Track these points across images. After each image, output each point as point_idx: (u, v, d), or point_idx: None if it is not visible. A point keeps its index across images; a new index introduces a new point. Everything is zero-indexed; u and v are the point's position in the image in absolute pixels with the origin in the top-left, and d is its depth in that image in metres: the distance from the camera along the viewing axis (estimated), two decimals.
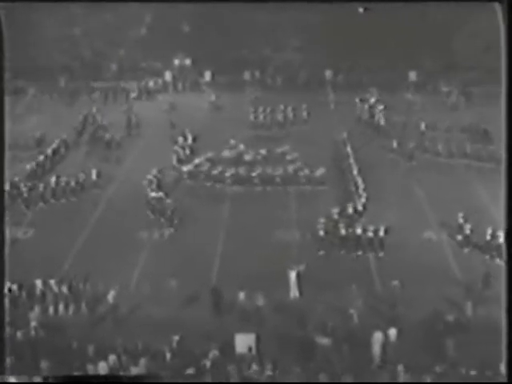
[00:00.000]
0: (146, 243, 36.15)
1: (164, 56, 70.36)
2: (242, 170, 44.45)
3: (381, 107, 57.26)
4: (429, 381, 24.31)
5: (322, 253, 34.47)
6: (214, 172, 44.32)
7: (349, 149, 47.06)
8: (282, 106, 56.96)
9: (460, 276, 32.72)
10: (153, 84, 67.41)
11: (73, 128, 52.53)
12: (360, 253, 34.58)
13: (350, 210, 37.58)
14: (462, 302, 29.91)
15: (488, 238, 34.18)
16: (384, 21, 59.87)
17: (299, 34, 69.15)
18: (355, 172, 42.91)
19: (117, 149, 50.07)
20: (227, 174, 43.80)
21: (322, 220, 35.99)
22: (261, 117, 56.49)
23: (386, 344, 26.73)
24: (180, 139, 50.38)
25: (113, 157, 48.29)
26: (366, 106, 58.11)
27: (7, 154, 24.03)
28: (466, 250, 34.68)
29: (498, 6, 20.94)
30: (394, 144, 48.56)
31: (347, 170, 44.50)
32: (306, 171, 43.93)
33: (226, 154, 47.73)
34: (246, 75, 68.55)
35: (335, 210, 37.25)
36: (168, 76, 69.05)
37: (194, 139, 51.17)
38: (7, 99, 24.34)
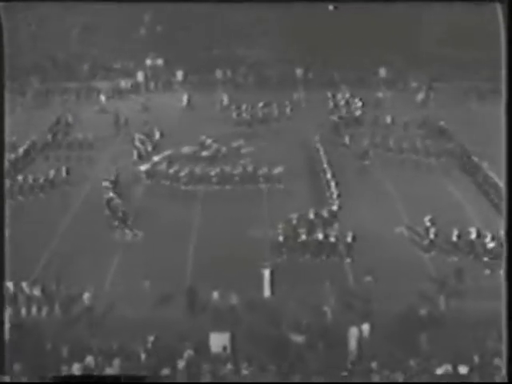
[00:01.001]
0: (119, 244, 36.07)
1: (136, 56, 70.32)
2: (198, 169, 44.45)
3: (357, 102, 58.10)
4: (401, 379, 24.41)
5: (280, 259, 33.90)
6: (171, 171, 44.42)
7: (319, 146, 47.31)
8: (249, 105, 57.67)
9: (433, 271, 33.01)
10: (125, 84, 67.27)
11: (46, 128, 52.34)
12: (324, 258, 34.12)
13: (311, 216, 36.74)
14: (435, 296, 30.09)
15: (455, 238, 34.32)
16: (354, 19, 60.34)
17: (270, 32, 69.47)
18: (328, 174, 42.86)
19: (89, 149, 49.94)
20: (182, 174, 43.84)
21: (280, 225, 35.65)
22: (233, 115, 56.68)
23: (361, 339, 26.82)
24: (137, 136, 50.16)
25: (85, 156, 48.14)
26: (342, 102, 58.76)
27: None
28: (432, 253, 34.58)
29: (498, 6, 21.06)
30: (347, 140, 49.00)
31: (318, 170, 44.73)
32: (265, 169, 44.02)
33: (186, 150, 47.89)
34: (218, 74, 68.68)
35: (294, 215, 36.58)
36: (140, 76, 68.96)
37: (161, 136, 51.26)
38: None
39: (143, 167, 44.98)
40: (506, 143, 20.54)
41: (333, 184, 40.81)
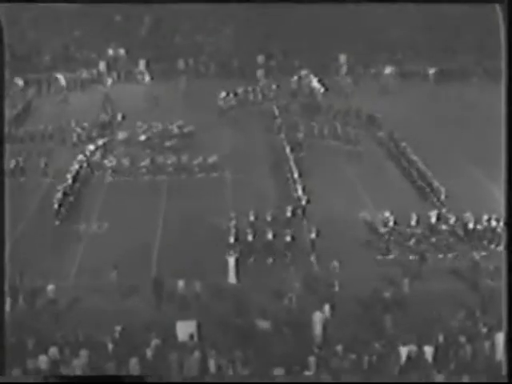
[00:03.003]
0: (82, 236, 36.04)
1: (98, 46, 69.79)
2: (126, 161, 44.59)
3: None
4: (367, 358, 24.70)
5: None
6: (105, 161, 44.88)
7: (283, 136, 47.57)
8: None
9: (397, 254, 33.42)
10: (87, 74, 66.76)
11: (7, 121, 51.78)
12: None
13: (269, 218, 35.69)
14: (399, 279, 30.42)
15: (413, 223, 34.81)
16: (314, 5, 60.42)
17: (231, 20, 69.45)
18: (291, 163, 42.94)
19: (51, 140, 49.59)
20: (109, 165, 44.20)
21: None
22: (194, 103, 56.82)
23: (326, 323, 27.00)
24: (73, 122, 50.51)
25: (46, 148, 47.76)
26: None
27: None
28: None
29: (498, 7, 21.15)
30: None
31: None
32: (200, 159, 44.14)
33: (121, 136, 48.67)
34: (180, 63, 68.47)
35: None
36: (102, 66, 68.48)
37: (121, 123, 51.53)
38: None
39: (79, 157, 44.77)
40: (506, 143, 20.67)
41: (296, 175, 40.93)
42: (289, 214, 35.87)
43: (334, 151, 47.21)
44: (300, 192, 38.04)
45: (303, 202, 36.92)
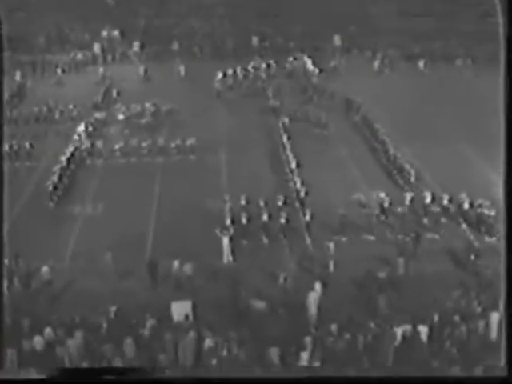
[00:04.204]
0: (77, 217, 35.99)
1: (92, 28, 69.62)
2: (100, 144, 44.64)
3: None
4: (362, 338, 24.77)
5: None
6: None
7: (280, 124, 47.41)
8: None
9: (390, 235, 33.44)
10: (81, 56, 66.57)
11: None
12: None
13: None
14: (394, 259, 30.48)
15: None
16: None
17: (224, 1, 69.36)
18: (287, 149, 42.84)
19: (45, 123, 49.48)
20: (83, 147, 44.04)
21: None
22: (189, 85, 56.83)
23: (320, 304, 27.05)
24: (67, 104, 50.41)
25: (41, 131, 47.66)
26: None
27: None
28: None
29: (498, 5, 21.04)
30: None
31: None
32: (178, 141, 44.14)
33: (98, 115, 48.96)
34: (175, 45, 68.26)
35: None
36: (97, 48, 68.24)
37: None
38: None
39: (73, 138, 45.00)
40: (506, 143, 20.63)
41: (291, 156, 41.03)
42: (282, 198, 35.65)
43: (305, 134, 46.98)
44: (296, 178, 38.13)
45: (298, 186, 36.85)
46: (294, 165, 39.57)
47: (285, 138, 43.83)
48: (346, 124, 49.09)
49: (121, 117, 49.28)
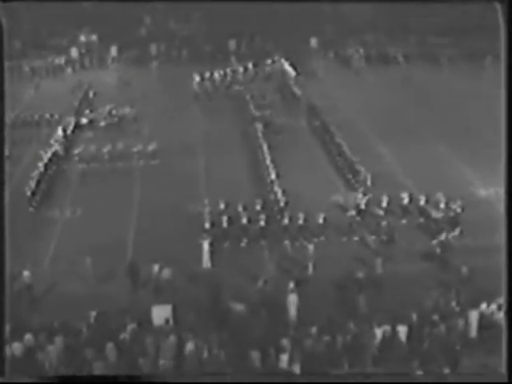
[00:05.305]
0: (57, 221, 35.91)
1: (69, 32, 69.37)
2: (60, 150, 44.50)
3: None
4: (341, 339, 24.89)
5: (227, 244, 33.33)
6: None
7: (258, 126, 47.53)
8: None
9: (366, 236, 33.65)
10: (59, 61, 66.36)
11: None
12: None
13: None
14: (372, 260, 30.67)
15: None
16: None
17: (201, 5, 69.35)
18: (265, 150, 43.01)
19: (23, 128, 49.29)
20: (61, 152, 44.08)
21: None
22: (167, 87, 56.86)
23: (300, 306, 27.14)
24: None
25: (18, 136, 47.46)
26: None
27: None
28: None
29: (498, 6, 21.21)
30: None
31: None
32: (140, 146, 44.06)
33: (75, 120, 49.02)
34: (153, 48, 68.26)
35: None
36: (74, 52, 68.03)
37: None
38: None
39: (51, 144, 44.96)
40: (506, 143, 20.81)
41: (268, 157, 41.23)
42: (260, 202, 35.74)
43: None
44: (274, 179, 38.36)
45: (276, 188, 36.99)
46: (270, 164, 39.93)
47: (262, 143, 43.96)
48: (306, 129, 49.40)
49: (84, 121, 49.10)
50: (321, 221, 33.29)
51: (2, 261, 22.70)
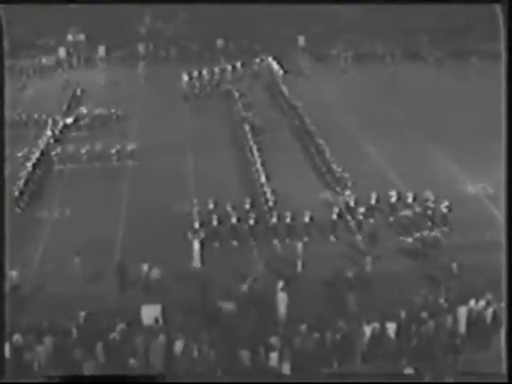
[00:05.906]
0: (45, 222, 35.83)
1: (57, 32, 69.11)
2: (48, 150, 44.28)
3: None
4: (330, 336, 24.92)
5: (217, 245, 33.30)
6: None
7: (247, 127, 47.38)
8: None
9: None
10: (46, 61, 66.14)
11: None
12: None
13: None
14: (361, 258, 30.73)
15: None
16: None
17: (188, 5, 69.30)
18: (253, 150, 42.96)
19: (11, 128, 49.05)
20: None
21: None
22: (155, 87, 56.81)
23: (289, 304, 27.16)
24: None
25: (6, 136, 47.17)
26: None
27: None
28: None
29: (497, 7, 21.26)
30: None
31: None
32: (118, 146, 43.91)
33: (65, 120, 48.91)
34: (141, 48, 68.15)
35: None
36: (62, 52, 67.83)
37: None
38: None
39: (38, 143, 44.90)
40: (506, 142, 20.88)
41: (258, 158, 41.23)
42: (249, 201, 35.65)
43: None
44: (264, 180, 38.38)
45: (266, 189, 36.99)
46: (259, 165, 39.91)
47: (251, 142, 43.96)
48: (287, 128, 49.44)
49: (68, 120, 49.02)
50: (307, 219, 33.29)
51: (2, 268, 22.63)
